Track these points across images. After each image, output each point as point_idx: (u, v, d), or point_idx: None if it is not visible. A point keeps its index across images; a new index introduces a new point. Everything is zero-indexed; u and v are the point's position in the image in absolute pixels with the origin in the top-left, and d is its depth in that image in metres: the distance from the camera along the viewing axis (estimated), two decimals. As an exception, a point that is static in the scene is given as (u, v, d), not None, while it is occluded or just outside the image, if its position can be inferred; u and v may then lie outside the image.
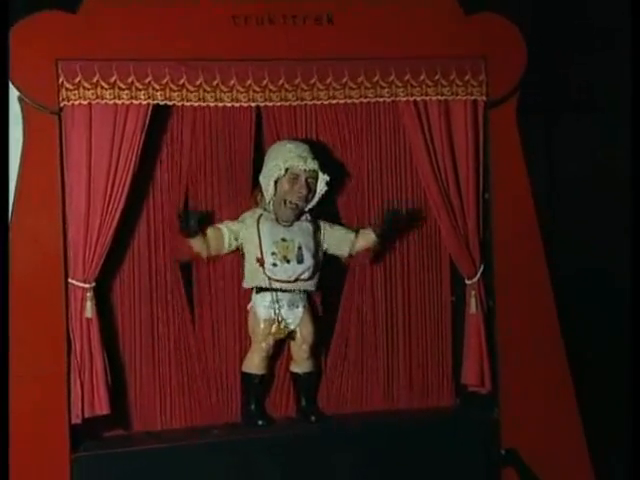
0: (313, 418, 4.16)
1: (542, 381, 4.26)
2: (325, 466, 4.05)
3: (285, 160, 4.03)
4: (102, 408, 3.87)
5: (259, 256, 4.06)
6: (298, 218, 4.13)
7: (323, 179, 4.09)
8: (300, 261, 4.08)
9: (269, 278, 4.06)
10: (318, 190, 4.12)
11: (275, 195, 4.08)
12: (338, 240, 4.21)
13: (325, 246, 4.20)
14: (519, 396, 4.22)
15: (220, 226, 4.11)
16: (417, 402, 4.38)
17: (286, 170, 4.03)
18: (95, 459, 3.87)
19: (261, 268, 4.06)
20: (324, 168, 4.09)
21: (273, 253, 4.06)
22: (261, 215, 4.11)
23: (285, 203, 4.07)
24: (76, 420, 3.84)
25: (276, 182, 4.06)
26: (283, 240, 4.08)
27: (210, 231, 4.08)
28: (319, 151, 4.17)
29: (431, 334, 4.40)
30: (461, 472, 4.17)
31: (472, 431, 4.23)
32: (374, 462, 4.10)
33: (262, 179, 4.11)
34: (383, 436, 4.15)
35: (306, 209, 4.15)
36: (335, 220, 4.28)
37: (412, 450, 4.13)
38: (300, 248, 4.08)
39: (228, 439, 4.05)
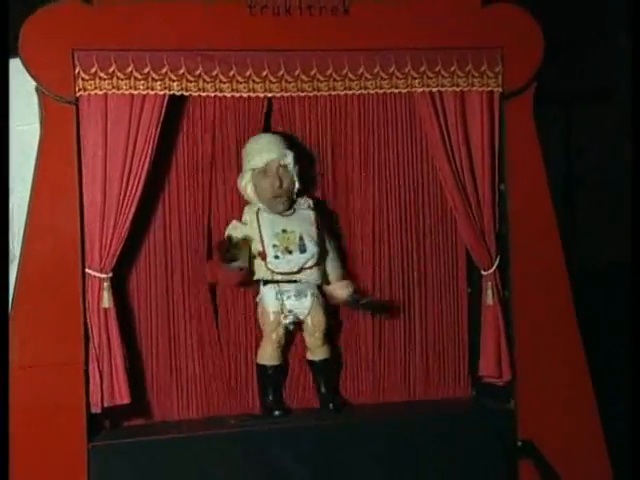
0: (331, 406, 4.15)
1: (559, 372, 4.24)
2: (342, 456, 4.04)
3: (248, 161, 4.07)
4: (122, 398, 3.88)
5: (260, 250, 4.05)
6: (291, 206, 4.13)
7: (291, 157, 4.07)
8: (303, 251, 4.06)
9: (272, 271, 4.05)
10: (294, 172, 4.10)
11: (258, 193, 4.09)
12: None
13: None
14: (535, 387, 4.21)
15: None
16: (434, 393, 4.38)
17: (253, 170, 4.06)
18: (112, 448, 3.88)
19: (263, 262, 4.05)
20: (296, 150, 4.11)
21: (274, 245, 4.04)
22: (259, 208, 4.11)
23: (268, 197, 4.08)
24: (96, 409, 3.85)
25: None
26: (284, 231, 4.07)
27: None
28: (332, 142, 4.22)
29: (447, 325, 4.40)
30: (477, 463, 4.16)
31: (488, 422, 4.22)
32: (390, 453, 4.09)
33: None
34: (399, 427, 4.14)
35: (294, 194, 4.14)
36: (348, 212, 4.30)
37: (428, 441, 4.12)
38: (302, 238, 4.07)
39: (245, 429, 4.04)
